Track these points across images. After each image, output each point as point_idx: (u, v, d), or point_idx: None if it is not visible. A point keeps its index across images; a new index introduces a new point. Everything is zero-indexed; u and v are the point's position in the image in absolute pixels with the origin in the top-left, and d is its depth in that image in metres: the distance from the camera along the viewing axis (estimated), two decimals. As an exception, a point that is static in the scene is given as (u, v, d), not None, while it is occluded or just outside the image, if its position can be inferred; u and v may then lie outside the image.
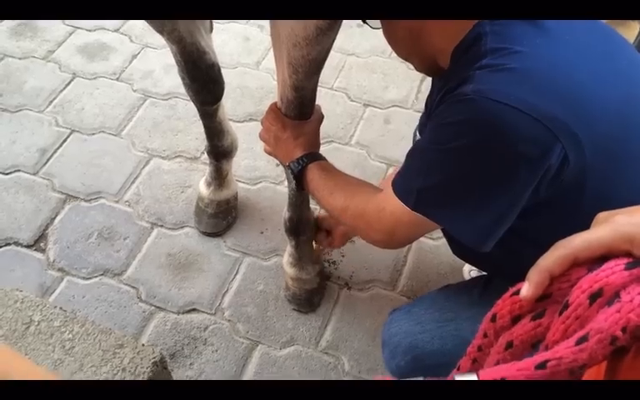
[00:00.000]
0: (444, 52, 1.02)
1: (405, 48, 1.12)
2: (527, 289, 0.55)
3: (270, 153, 1.40)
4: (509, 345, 0.57)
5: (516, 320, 0.56)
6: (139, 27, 2.61)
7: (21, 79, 2.39)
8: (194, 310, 1.77)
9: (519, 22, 0.92)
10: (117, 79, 2.41)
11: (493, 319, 0.59)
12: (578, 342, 0.48)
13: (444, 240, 1.28)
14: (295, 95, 1.24)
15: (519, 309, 0.56)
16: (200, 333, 1.72)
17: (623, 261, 0.50)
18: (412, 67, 2.53)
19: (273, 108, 1.34)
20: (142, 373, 1.46)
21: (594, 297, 0.49)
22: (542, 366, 0.50)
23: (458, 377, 0.54)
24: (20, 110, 2.28)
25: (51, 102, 2.31)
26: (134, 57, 2.50)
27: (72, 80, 2.40)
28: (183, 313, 1.76)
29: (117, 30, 2.61)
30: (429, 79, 2.41)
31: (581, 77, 0.91)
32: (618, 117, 0.91)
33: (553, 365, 0.49)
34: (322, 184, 1.24)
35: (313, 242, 1.75)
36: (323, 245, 1.66)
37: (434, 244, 1.89)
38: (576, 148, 0.87)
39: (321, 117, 1.36)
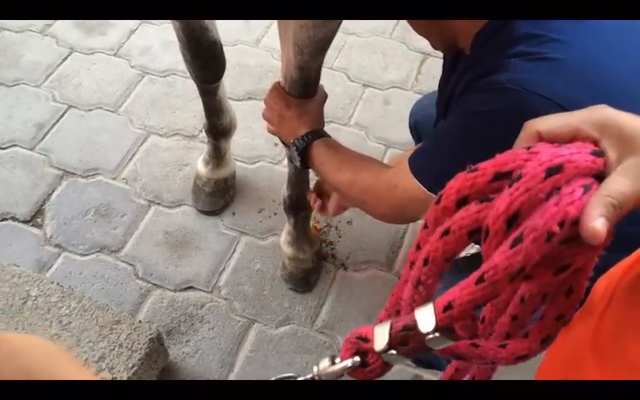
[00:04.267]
0: (466, 34, 0.99)
1: (424, 26, 1.10)
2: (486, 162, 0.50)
3: (273, 132, 1.39)
4: (445, 232, 0.51)
5: (461, 203, 0.51)
6: (137, 2, 2.58)
7: (18, 53, 2.37)
8: (191, 288, 1.77)
9: None
10: (115, 55, 2.39)
11: (438, 201, 0.53)
12: (513, 245, 0.45)
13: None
14: (300, 75, 1.23)
15: (469, 188, 0.50)
16: (196, 311, 1.72)
17: (591, 146, 0.47)
18: (412, 48, 2.53)
19: (277, 87, 1.33)
20: (139, 349, 1.47)
21: (552, 171, 0.45)
22: (480, 280, 0.47)
23: (417, 311, 0.52)
24: (17, 84, 2.26)
25: (48, 76, 2.29)
26: (132, 32, 2.48)
27: (69, 55, 2.37)
28: (180, 291, 1.76)
29: (115, 5, 2.58)
30: (430, 61, 2.43)
31: (619, 76, 0.87)
32: None
33: (490, 275, 0.46)
34: (328, 160, 1.23)
35: (311, 223, 1.76)
36: (321, 214, 1.62)
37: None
38: None
39: (324, 96, 1.35)
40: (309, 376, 0.59)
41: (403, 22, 2.53)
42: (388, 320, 0.55)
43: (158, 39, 2.44)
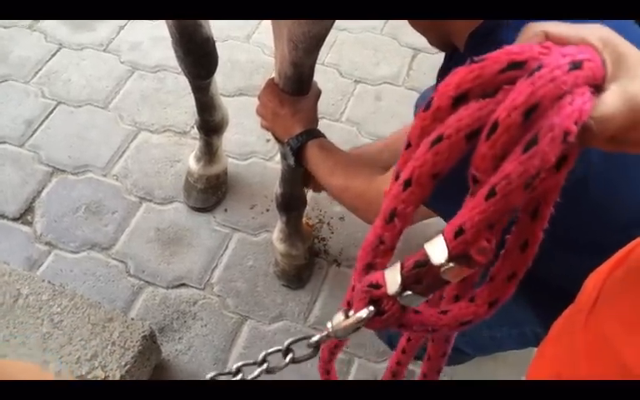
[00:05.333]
0: (460, 34, 1.00)
1: (421, 24, 1.10)
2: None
3: (267, 129, 1.39)
4: (437, 140, 0.45)
5: (459, 102, 0.44)
6: (127, -3, 2.56)
7: (6, 49, 2.34)
8: (183, 285, 1.76)
9: None
10: (104, 50, 2.37)
11: (427, 106, 0.46)
12: (527, 148, 0.41)
13: (431, 218, 1.28)
14: (294, 71, 1.23)
15: (473, 81, 0.43)
16: (189, 308, 1.72)
17: (599, 54, 0.44)
18: (403, 44, 2.53)
19: (270, 84, 1.33)
20: (132, 347, 1.47)
21: (576, 65, 0.41)
22: (491, 194, 0.43)
23: (426, 245, 0.48)
24: (5, 80, 2.24)
25: (36, 72, 2.27)
26: (121, 28, 2.46)
27: (58, 50, 2.35)
28: (172, 288, 1.76)
29: (104, 0, 2.56)
30: (421, 56, 2.43)
31: None
32: None
33: (503, 186, 0.42)
34: (321, 162, 1.23)
35: (303, 219, 1.76)
36: (309, 187, 1.62)
37: (421, 222, 1.90)
38: (583, 154, 0.87)
39: (318, 93, 1.35)
40: (324, 333, 0.57)
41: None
42: (397, 261, 0.51)
43: (148, 35, 2.43)
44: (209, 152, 1.87)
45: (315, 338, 0.57)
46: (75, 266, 1.78)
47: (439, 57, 1.27)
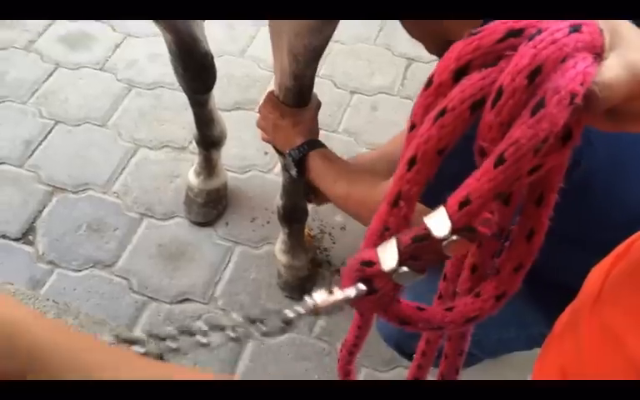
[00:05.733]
0: (459, 38, 1.02)
1: (418, 31, 1.12)
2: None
3: (268, 141, 1.40)
4: (440, 113, 0.44)
5: (460, 74, 0.43)
6: (121, 15, 2.57)
7: (2, 70, 2.35)
8: (187, 300, 1.77)
9: None
10: (101, 69, 2.38)
11: (428, 84, 0.45)
12: (534, 111, 0.40)
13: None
14: (294, 83, 1.25)
15: (473, 52, 0.43)
16: (194, 323, 1.72)
17: (596, 22, 0.43)
18: (396, 54, 2.55)
19: (271, 97, 1.34)
20: (139, 364, 1.47)
21: (575, 28, 0.41)
22: (500, 161, 0.41)
23: (426, 219, 0.46)
24: (2, 102, 2.24)
25: (33, 93, 2.28)
26: (117, 46, 2.47)
27: (54, 70, 2.36)
28: (176, 303, 1.76)
29: (98, 19, 2.58)
30: (414, 66, 2.45)
31: None
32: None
33: (512, 152, 0.40)
34: (324, 172, 1.24)
35: (305, 230, 1.77)
36: (313, 202, 1.63)
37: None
38: (588, 150, 0.89)
39: (318, 104, 1.37)
40: (301, 310, 0.52)
41: (387, 29, 2.57)
42: (392, 237, 0.48)
43: (144, 52, 2.44)
44: (209, 166, 1.89)
45: (290, 315, 0.53)
46: (78, 284, 1.78)
47: (433, 65, 1.29)
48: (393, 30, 2.52)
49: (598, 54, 0.42)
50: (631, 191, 0.95)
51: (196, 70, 1.54)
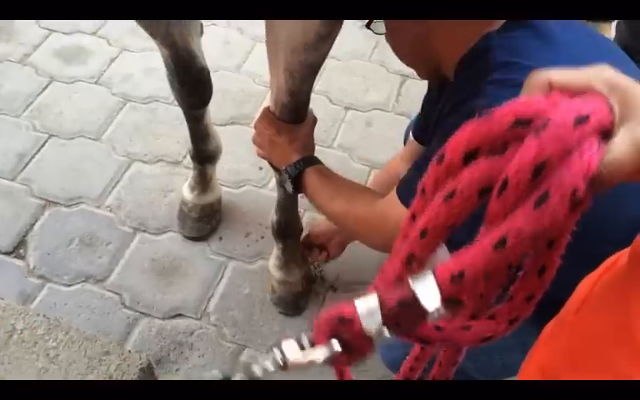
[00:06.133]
0: (449, 62, 1.03)
1: (409, 55, 1.14)
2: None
3: (263, 157, 1.40)
4: (450, 195, 0.46)
5: (470, 157, 0.45)
6: (117, 29, 2.58)
7: (-4, 83, 2.35)
8: (179, 315, 1.75)
9: (525, 34, 0.93)
10: (96, 83, 2.38)
11: (440, 159, 0.47)
12: (538, 204, 0.41)
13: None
14: (290, 99, 1.24)
15: (483, 137, 0.44)
16: (186, 338, 1.71)
17: (606, 100, 0.44)
18: (391, 70, 2.56)
19: (267, 113, 1.34)
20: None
21: (581, 120, 0.41)
22: (501, 244, 0.43)
23: (414, 283, 0.46)
24: (-4, 114, 2.24)
25: (28, 106, 2.27)
26: (112, 60, 2.47)
27: (49, 84, 2.36)
28: (168, 319, 1.74)
29: (94, 33, 2.58)
30: (409, 82, 2.46)
31: None
32: None
33: (513, 239, 0.42)
34: (321, 189, 1.24)
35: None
36: (319, 260, 1.67)
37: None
38: None
39: (314, 120, 1.37)
40: (269, 367, 0.50)
41: (382, 45, 2.57)
42: (373, 293, 0.48)
43: (139, 66, 2.44)
44: (203, 181, 1.88)
45: (257, 372, 0.51)
46: (69, 299, 1.77)
47: (426, 83, 1.31)
48: (388, 46, 2.53)
49: (607, 132, 0.43)
50: (626, 207, 0.95)
51: (192, 85, 1.54)
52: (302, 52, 1.12)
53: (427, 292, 0.45)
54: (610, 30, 2.54)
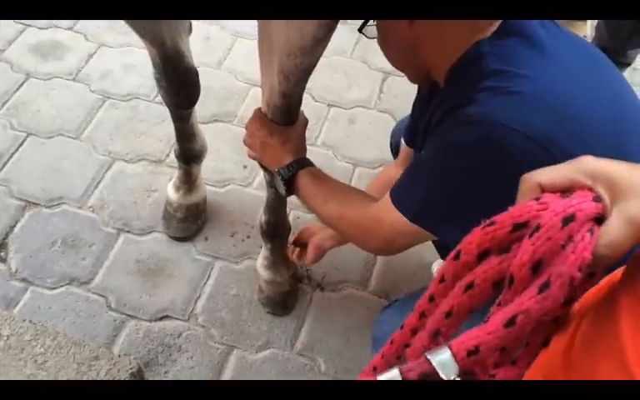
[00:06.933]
0: (440, 68, 1.04)
1: (401, 60, 1.15)
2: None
3: (255, 158, 1.39)
4: (469, 286, 0.54)
5: (483, 256, 0.54)
6: (94, 24, 2.53)
7: (-30, 80, 2.28)
8: (167, 317, 1.74)
9: (517, 42, 0.95)
10: (74, 80, 2.34)
11: (456, 257, 0.55)
12: (541, 290, 0.49)
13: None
14: (283, 101, 1.24)
15: (490, 241, 0.53)
16: (174, 340, 1.70)
17: (590, 193, 0.50)
18: (373, 67, 2.57)
19: (258, 114, 1.33)
20: (120, 385, 1.44)
21: (567, 220, 0.49)
22: (511, 322, 0.50)
23: (433, 358, 0.52)
24: (-30, 113, 2.18)
25: (4, 104, 2.22)
26: (90, 56, 2.43)
27: (25, 80, 2.30)
28: (156, 321, 1.73)
29: (70, 28, 2.52)
30: (391, 79, 2.48)
31: (577, 100, 0.94)
32: (612, 137, 0.95)
33: (522, 319, 0.49)
34: (314, 192, 1.24)
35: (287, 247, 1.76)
36: (296, 261, 1.66)
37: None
38: None
39: (305, 122, 1.37)
40: None
41: (363, 42, 2.58)
42: (394, 367, 0.53)
43: (118, 63, 2.40)
44: (188, 180, 1.86)
45: None
46: (53, 302, 1.74)
47: (407, 80, 1.31)
48: (369, 43, 2.54)
49: (600, 217, 0.49)
50: None
51: (180, 84, 1.52)
52: (298, 55, 1.12)
53: (445, 366, 0.51)
54: (585, 28, 2.60)
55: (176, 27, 1.40)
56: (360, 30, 1.21)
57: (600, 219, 0.49)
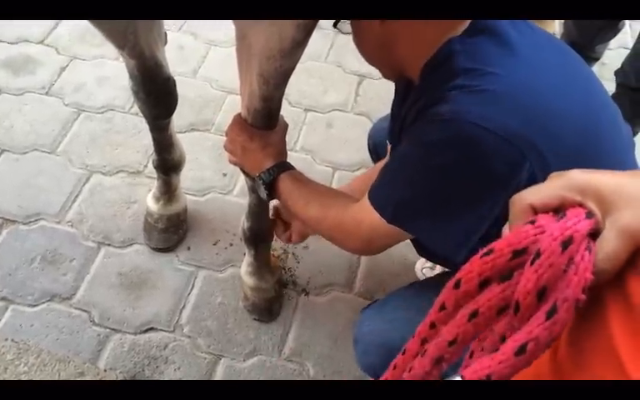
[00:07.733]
0: (414, 65, 1.06)
1: (375, 57, 1.16)
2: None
3: (236, 164, 1.39)
4: (473, 315, 0.54)
5: (484, 285, 0.54)
6: (65, 37, 2.50)
7: (-62, 97, 2.24)
8: (152, 329, 1.73)
9: (486, 41, 0.97)
10: (47, 94, 2.30)
11: (457, 286, 0.55)
12: (549, 316, 0.49)
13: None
14: (263, 105, 1.24)
15: (491, 269, 0.53)
16: (160, 352, 1.68)
17: (582, 210, 0.51)
18: (348, 71, 2.59)
19: (238, 120, 1.33)
20: (108, 400, 1.42)
21: (566, 244, 0.49)
22: (521, 351, 0.50)
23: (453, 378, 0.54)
24: (-59, 131, 2.13)
25: (-25, 120, 2.18)
26: (63, 69, 2.40)
27: (-4, 96, 2.27)
28: (141, 333, 1.71)
29: (41, 42, 2.49)
30: (366, 82, 2.50)
31: (547, 96, 0.96)
32: (581, 132, 0.98)
33: (532, 347, 0.50)
34: (295, 195, 1.25)
35: (271, 253, 1.76)
36: (282, 239, 1.63)
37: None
38: (543, 165, 0.93)
39: (286, 126, 1.37)
40: None
41: (337, 46, 2.60)
42: None
43: (91, 75, 2.38)
44: (168, 191, 1.85)
45: None
46: (35, 320, 1.71)
47: (383, 82, 1.33)
48: (343, 47, 2.57)
49: (594, 232, 0.50)
50: None
51: (158, 95, 1.52)
52: (278, 58, 1.12)
53: None
54: (554, 25, 2.65)
55: (153, 37, 1.40)
56: (335, 25, 1.22)
57: (595, 234, 0.50)
